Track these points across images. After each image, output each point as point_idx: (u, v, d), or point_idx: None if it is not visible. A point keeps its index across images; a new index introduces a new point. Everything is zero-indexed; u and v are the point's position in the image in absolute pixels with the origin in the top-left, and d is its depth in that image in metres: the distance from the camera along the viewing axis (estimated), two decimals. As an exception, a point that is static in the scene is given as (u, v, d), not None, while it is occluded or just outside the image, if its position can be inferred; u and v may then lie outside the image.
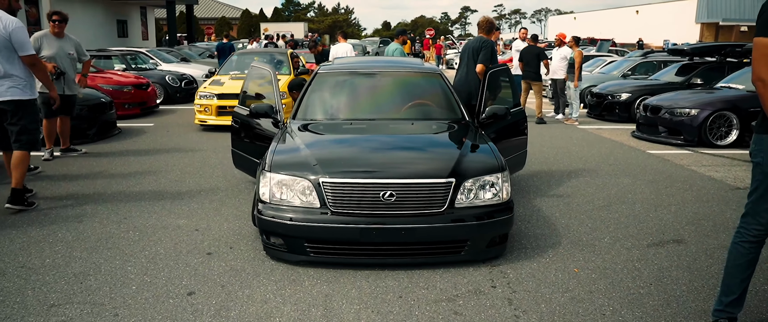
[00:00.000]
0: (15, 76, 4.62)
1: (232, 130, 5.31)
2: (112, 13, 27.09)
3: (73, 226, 4.49)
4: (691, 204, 5.40)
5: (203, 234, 4.34)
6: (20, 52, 4.60)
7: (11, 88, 4.62)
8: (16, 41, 4.55)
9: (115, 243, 4.13)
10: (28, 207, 4.89)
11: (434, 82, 5.19)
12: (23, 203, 4.86)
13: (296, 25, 48.65)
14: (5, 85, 4.61)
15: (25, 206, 4.86)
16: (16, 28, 4.54)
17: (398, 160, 3.88)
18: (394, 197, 3.50)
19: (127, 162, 6.93)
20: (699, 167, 7.07)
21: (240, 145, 5.26)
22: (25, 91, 4.70)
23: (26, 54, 4.63)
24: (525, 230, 4.52)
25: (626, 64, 14.21)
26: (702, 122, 8.44)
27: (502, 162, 3.90)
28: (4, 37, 4.51)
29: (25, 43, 4.61)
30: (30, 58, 4.68)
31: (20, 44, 4.58)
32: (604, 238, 4.40)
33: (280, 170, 3.70)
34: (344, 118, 4.74)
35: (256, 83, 5.34)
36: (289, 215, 3.56)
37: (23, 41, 4.59)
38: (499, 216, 3.69)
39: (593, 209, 5.16)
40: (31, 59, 4.68)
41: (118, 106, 10.34)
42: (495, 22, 6.99)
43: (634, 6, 51.35)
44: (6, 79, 4.60)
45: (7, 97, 4.63)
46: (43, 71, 4.95)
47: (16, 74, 4.63)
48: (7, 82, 4.61)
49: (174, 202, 5.22)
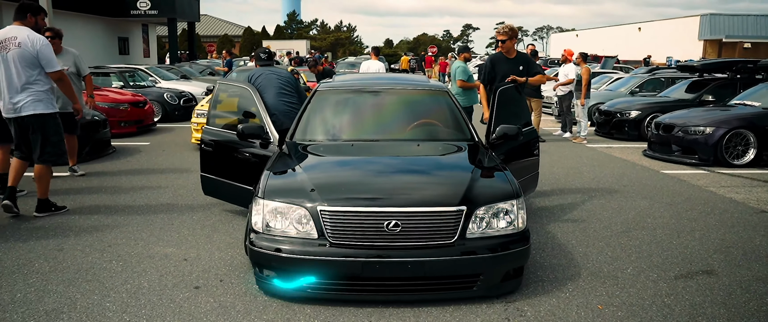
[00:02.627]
0: (37, 90, 4.86)
1: (202, 152, 4.98)
2: (113, 30, 27.03)
3: (51, 255, 4.16)
4: (715, 229, 5.05)
5: (192, 264, 4.01)
6: (47, 68, 4.87)
7: (34, 102, 4.84)
8: (43, 58, 4.83)
9: (96, 275, 3.79)
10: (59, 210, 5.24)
11: (441, 100, 4.88)
12: (51, 209, 5.19)
13: (298, 43, 48.61)
14: (28, 100, 4.83)
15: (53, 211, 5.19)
16: (43, 45, 4.84)
17: (404, 186, 3.55)
18: (399, 227, 3.17)
19: (118, 183, 6.62)
20: (718, 188, 6.73)
21: (212, 169, 4.92)
22: (47, 105, 4.93)
23: (53, 70, 4.90)
24: (540, 259, 4.18)
25: (634, 81, 13.93)
26: (718, 141, 8.12)
27: (516, 187, 3.57)
28: (31, 54, 4.79)
29: (51, 60, 4.89)
30: (57, 73, 4.94)
31: (47, 61, 4.85)
32: (627, 268, 4.06)
33: (275, 196, 3.38)
34: (345, 139, 4.43)
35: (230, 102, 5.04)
36: (284, 246, 3.23)
37: (50, 58, 4.87)
38: (515, 247, 3.35)
39: (611, 235, 4.82)
40: (58, 75, 4.95)
41: (113, 124, 10.08)
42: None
43: (637, 23, 51.35)
44: (27, 94, 4.82)
45: (30, 111, 4.85)
46: (70, 86, 5.18)
47: (37, 89, 4.86)
48: (29, 96, 4.83)
49: (163, 228, 4.89)
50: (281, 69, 5.96)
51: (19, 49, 4.76)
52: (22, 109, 4.83)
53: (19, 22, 4.90)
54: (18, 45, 4.76)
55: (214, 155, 4.93)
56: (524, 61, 5.93)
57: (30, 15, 4.94)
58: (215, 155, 4.92)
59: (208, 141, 4.95)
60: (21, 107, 4.83)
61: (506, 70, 5.84)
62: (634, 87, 13.44)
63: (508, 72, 5.78)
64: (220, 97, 5.17)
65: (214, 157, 4.94)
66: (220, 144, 4.88)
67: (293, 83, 5.77)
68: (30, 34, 4.80)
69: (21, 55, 4.76)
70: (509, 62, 5.93)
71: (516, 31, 6.08)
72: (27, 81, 4.80)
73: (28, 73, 4.80)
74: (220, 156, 4.91)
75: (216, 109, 5.09)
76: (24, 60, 4.78)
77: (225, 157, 4.88)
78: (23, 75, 4.79)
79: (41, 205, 5.16)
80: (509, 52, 5.98)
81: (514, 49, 6.01)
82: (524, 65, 5.87)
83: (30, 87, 4.82)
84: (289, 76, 5.78)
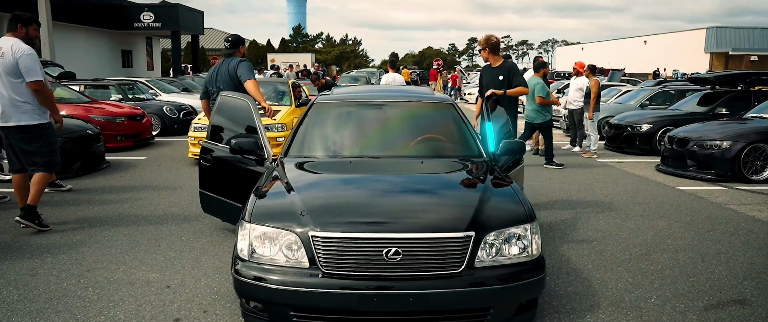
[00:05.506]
0: (24, 101, 4.83)
1: (201, 168, 4.68)
2: (116, 43, 26.96)
3: (23, 281, 3.84)
4: (741, 252, 4.69)
5: (175, 292, 3.68)
6: (27, 78, 4.80)
7: (22, 113, 4.84)
8: (24, 67, 4.77)
9: (68, 304, 3.47)
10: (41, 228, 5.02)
11: (446, 114, 4.55)
12: (34, 221, 5.00)
13: (303, 56, 48.50)
14: (14, 110, 4.82)
15: (36, 225, 5.00)
16: (24, 55, 4.78)
17: (405, 209, 3.21)
18: (400, 256, 2.84)
19: (107, 200, 6.31)
20: (738, 206, 6.37)
21: (213, 186, 4.63)
22: (34, 116, 4.90)
23: (32, 80, 4.81)
24: (555, 287, 3.83)
25: (643, 94, 13.59)
26: (735, 155, 7.76)
27: (529, 209, 3.23)
28: (11, 63, 4.75)
29: (31, 70, 4.80)
30: (36, 83, 4.83)
31: (27, 70, 4.79)
32: (650, 297, 3.70)
33: (263, 220, 3.05)
34: (343, 156, 4.11)
35: (230, 114, 4.74)
36: (272, 276, 2.90)
37: (30, 67, 4.80)
38: (529, 277, 3.00)
39: (630, 259, 4.47)
40: (36, 85, 4.84)
41: (110, 138, 9.82)
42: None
43: (643, 36, 51.14)
44: (14, 104, 4.81)
45: (16, 122, 4.85)
46: (49, 97, 5.04)
47: (24, 100, 4.84)
48: (15, 106, 4.82)
49: (149, 250, 4.57)
50: (234, 61, 5.77)
51: (2, 60, 4.79)
52: (10, 119, 4.84)
53: (10, 34, 4.94)
54: (2, 55, 4.79)
55: (211, 171, 4.71)
56: (506, 71, 5.89)
57: (20, 25, 4.95)
58: (213, 171, 4.70)
59: (206, 156, 4.70)
60: (8, 118, 4.84)
61: (488, 79, 5.96)
62: (644, 100, 13.11)
63: (490, 81, 5.89)
64: (220, 109, 4.88)
65: (211, 173, 4.72)
66: (217, 159, 4.62)
67: (235, 80, 5.70)
68: (14, 44, 4.80)
69: (4, 65, 4.79)
70: (492, 71, 5.96)
71: (491, 40, 6.01)
72: (14, 91, 4.81)
73: (13, 84, 4.81)
74: (217, 172, 4.67)
75: (216, 122, 4.83)
76: (7, 70, 4.79)
77: (222, 173, 4.61)
78: (9, 85, 4.81)
79: (28, 212, 5.00)
80: (494, 61, 5.97)
81: (498, 58, 6.01)
82: (505, 75, 5.85)
83: (17, 97, 4.82)
84: (234, 70, 5.72)
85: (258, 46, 57.28)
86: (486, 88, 5.91)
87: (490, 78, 5.93)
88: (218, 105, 4.91)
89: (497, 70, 5.93)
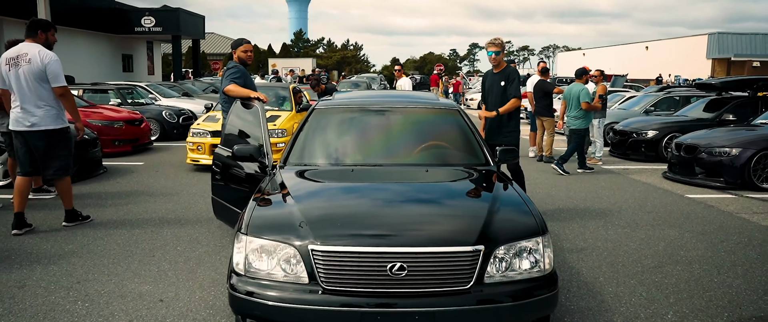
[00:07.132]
0: (48, 106, 4.96)
1: (213, 174, 4.55)
2: (117, 47, 26.83)
3: (10, 293, 3.67)
4: (758, 264, 4.52)
5: (168, 306, 3.51)
6: (53, 83, 4.92)
7: (45, 117, 4.94)
8: (51, 73, 4.89)
9: (55, 319, 3.30)
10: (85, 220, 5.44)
11: (452, 120, 4.39)
12: (78, 219, 5.38)
13: (304, 61, 48.35)
14: (39, 115, 4.92)
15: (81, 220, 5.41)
16: (53, 60, 4.91)
17: (411, 221, 3.04)
18: (405, 271, 2.67)
19: (102, 208, 6.14)
20: (750, 215, 6.19)
21: (222, 193, 4.49)
22: (57, 121, 5.03)
23: (58, 85, 4.94)
24: (567, 302, 3.66)
25: (648, 100, 13.43)
26: (745, 162, 7.59)
27: (541, 221, 3.06)
28: (39, 69, 4.86)
29: (58, 76, 4.94)
30: (61, 89, 4.96)
31: (54, 76, 4.92)
32: (667, 313, 3.53)
33: (260, 232, 2.89)
34: (344, 164, 3.94)
35: (242, 120, 4.61)
36: (269, 292, 2.73)
37: (57, 73, 4.94)
38: (541, 293, 2.83)
39: (643, 272, 4.29)
40: (61, 90, 4.97)
41: (107, 143, 9.67)
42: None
43: (644, 42, 51.03)
44: (39, 109, 4.92)
45: (42, 127, 4.95)
46: (72, 102, 5.14)
47: (48, 104, 4.96)
48: (40, 111, 4.93)
49: (142, 260, 4.40)
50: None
51: (30, 65, 4.89)
52: (34, 124, 4.94)
53: (30, 40, 5.02)
54: (28, 61, 4.89)
55: (221, 178, 4.65)
56: (506, 77, 5.80)
57: (40, 31, 5.05)
58: (222, 178, 4.64)
59: (217, 162, 4.66)
60: (33, 122, 4.94)
61: (490, 84, 5.89)
62: (649, 106, 12.95)
63: (491, 85, 5.85)
64: (234, 115, 4.79)
65: (221, 180, 4.67)
66: (226, 166, 4.54)
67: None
68: (40, 51, 4.92)
69: (31, 70, 4.88)
70: (494, 76, 5.89)
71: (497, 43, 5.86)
72: (39, 96, 4.91)
73: (39, 89, 4.91)
74: (225, 179, 4.60)
75: (229, 128, 4.79)
76: (34, 75, 4.89)
77: (229, 180, 4.53)
78: (34, 90, 4.90)
79: (70, 214, 5.33)
80: (498, 65, 5.89)
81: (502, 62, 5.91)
82: (505, 80, 5.78)
83: (41, 102, 4.93)
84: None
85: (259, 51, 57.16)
86: (488, 92, 5.90)
87: (491, 83, 5.88)
88: (231, 111, 4.92)
89: (499, 75, 5.83)
